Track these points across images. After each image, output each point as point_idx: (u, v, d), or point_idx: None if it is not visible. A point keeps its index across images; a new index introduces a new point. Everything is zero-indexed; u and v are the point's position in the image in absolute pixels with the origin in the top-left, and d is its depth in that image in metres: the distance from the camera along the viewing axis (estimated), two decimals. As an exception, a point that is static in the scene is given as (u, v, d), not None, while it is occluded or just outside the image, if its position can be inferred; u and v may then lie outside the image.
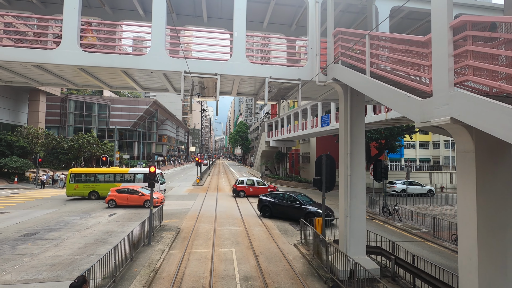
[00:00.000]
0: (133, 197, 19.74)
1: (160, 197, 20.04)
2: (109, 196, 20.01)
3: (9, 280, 8.33)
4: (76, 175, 23.41)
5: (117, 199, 19.66)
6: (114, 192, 20.07)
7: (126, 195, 19.81)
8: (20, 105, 38.51)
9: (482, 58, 4.00)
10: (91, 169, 25.26)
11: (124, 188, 20.46)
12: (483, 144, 4.38)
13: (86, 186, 23.25)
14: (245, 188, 26.18)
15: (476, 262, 4.32)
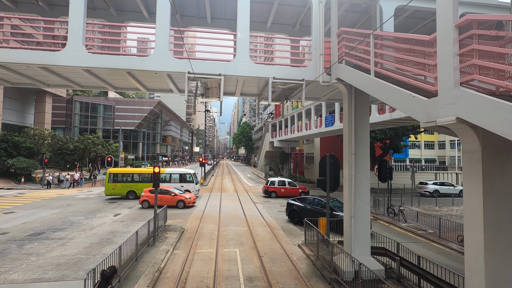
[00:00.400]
0: (166, 197, 19.82)
1: (192, 197, 20.33)
2: (142, 196, 20.06)
3: (16, 279, 8.43)
4: (115, 175, 23.92)
5: (151, 199, 19.67)
6: (147, 192, 20.07)
7: (159, 196, 19.59)
8: (27, 106, 39.04)
9: (488, 57, 3.95)
10: (129, 169, 25.97)
11: None
12: (489, 144, 4.33)
13: (124, 186, 23.71)
14: (277, 189, 26.02)
15: (483, 263, 4.27)
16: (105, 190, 23.84)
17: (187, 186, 24.59)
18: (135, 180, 24.17)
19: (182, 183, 24.66)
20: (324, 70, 8.69)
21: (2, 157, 30.87)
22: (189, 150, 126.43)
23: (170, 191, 20.25)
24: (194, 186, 24.84)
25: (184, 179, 25.01)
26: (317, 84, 9.04)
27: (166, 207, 15.54)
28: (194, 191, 24.59)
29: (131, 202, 22.16)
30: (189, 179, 25.02)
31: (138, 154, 64.57)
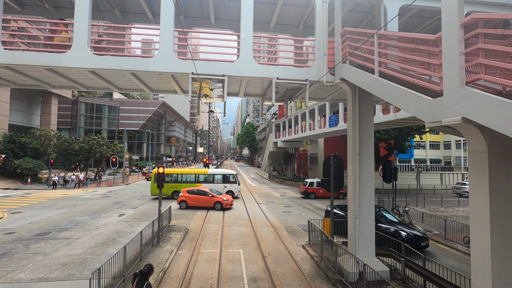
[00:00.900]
0: (203, 198, 19.71)
1: (230, 200, 19.95)
2: (180, 196, 20.10)
3: (22, 279, 8.53)
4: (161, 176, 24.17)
5: (188, 200, 19.75)
6: (185, 193, 20.08)
7: (196, 196, 19.76)
8: (33, 107, 39.52)
9: (495, 56, 3.90)
10: (174, 170, 26.35)
11: (195, 189, 20.52)
12: (496, 144, 4.27)
13: (169, 186, 24.05)
14: (315, 190, 26.05)
15: (489, 265, 4.21)
16: (150, 190, 24.27)
17: (230, 186, 24.74)
18: (180, 180, 24.60)
19: (225, 184, 24.83)
20: (328, 70, 8.66)
21: (9, 158, 31.27)
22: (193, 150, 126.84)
23: (208, 192, 19.95)
24: (237, 187, 24.98)
25: (227, 179, 25.11)
26: (321, 84, 9.01)
27: (170, 208, 15.58)
28: (237, 191, 24.81)
29: (136, 201, 22.29)
30: (232, 179, 25.12)
31: (143, 155, 64.95)
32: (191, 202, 19.72)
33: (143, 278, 5.34)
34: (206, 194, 19.88)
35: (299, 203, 23.28)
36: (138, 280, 5.31)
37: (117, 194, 26.68)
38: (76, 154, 36.83)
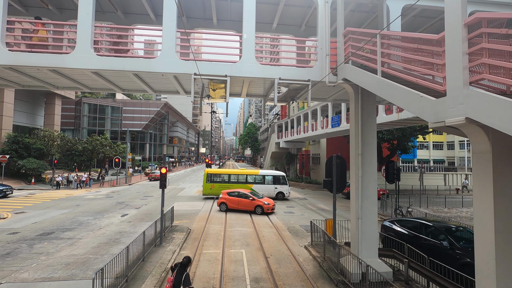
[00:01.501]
0: (244, 201, 18.70)
1: (271, 204, 18.67)
2: (220, 198, 19.35)
3: (26, 278, 8.59)
4: (212, 176, 24.58)
5: (228, 202, 18.98)
6: (226, 195, 19.29)
7: (237, 199, 18.87)
8: (37, 108, 39.80)
9: (499, 55, 3.88)
10: (225, 170, 26.44)
11: (235, 191, 19.62)
12: (500, 145, 4.24)
13: (221, 186, 24.15)
14: None
15: (493, 266, 4.18)
16: (203, 190, 24.48)
17: (280, 188, 24.69)
18: (231, 180, 24.68)
19: (275, 185, 24.77)
20: (330, 70, 8.65)
21: (13, 158, 31.50)
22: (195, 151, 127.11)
23: (249, 195, 18.83)
24: (287, 188, 24.91)
25: (277, 180, 25.01)
26: (323, 84, 9.00)
27: (173, 208, 15.61)
28: (287, 193, 24.80)
29: (138, 202, 22.36)
30: (282, 180, 25.02)
31: (145, 155, 65.21)
32: (231, 204, 18.89)
33: (182, 268, 5.83)
34: (247, 197, 18.73)
35: (302, 204, 23.24)
36: (178, 270, 5.80)
37: (120, 195, 26.79)
38: (80, 154, 37.04)
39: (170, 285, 5.63)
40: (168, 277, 5.85)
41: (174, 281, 5.64)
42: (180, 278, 5.66)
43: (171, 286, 5.60)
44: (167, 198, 23.55)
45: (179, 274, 5.73)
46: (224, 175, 24.90)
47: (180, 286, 5.61)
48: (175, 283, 5.63)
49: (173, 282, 5.63)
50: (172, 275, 5.77)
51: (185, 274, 5.70)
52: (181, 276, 5.68)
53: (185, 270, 5.81)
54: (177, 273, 5.76)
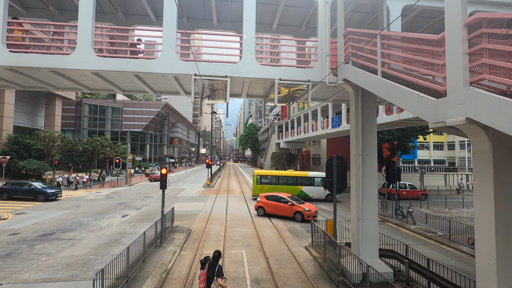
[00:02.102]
0: (282, 206, 17.40)
1: (313, 210, 16.93)
2: (258, 202, 18.32)
3: (27, 279, 8.59)
4: (262, 177, 24.67)
5: (266, 206, 17.80)
6: (263, 198, 18.16)
7: (275, 204, 17.66)
8: (38, 109, 39.82)
9: (499, 56, 3.87)
10: (274, 172, 26.46)
11: (273, 195, 18.39)
12: (501, 145, 4.24)
13: (271, 188, 24.12)
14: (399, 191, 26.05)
15: (494, 266, 4.17)
16: (253, 192, 24.49)
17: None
18: (280, 182, 24.64)
19: None
20: (330, 71, 8.65)
21: (14, 159, 31.50)
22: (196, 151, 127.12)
23: (288, 200, 17.43)
24: None
25: None
26: (323, 85, 9.00)
27: (173, 209, 15.61)
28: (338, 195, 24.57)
29: (139, 202, 22.36)
30: None
31: (146, 156, 65.22)
32: (269, 209, 17.75)
33: (214, 261, 6.23)
34: (286, 201, 17.40)
35: (302, 204, 23.23)
36: (210, 263, 6.18)
37: (120, 195, 26.80)
38: (80, 155, 37.04)
39: (204, 278, 5.99)
40: (201, 271, 6.14)
41: (207, 273, 6.02)
42: (213, 270, 6.07)
43: (205, 278, 5.98)
44: (167, 198, 23.54)
45: (211, 267, 6.12)
46: (273, 177, 24.92)
47: (213, 278, 6.02)
48: (208, 275, 6.02)
49: (207, 274, 6.01)
50: (204, 268, 6.09)
51: (218, 266, 6.12)
52: (214, 268, 6.09)
53: (217, 262, 6.22)
54: (209, 266, 6.13)
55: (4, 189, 22.53)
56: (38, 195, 22.44)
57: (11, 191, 22.51)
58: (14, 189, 22.69)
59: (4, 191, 22.40)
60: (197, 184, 37.35)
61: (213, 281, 6.01)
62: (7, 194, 22.34)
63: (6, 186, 22.81)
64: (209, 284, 5.99)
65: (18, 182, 24.00)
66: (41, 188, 23.03)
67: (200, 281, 6.01)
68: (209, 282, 6.00)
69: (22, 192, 22.66)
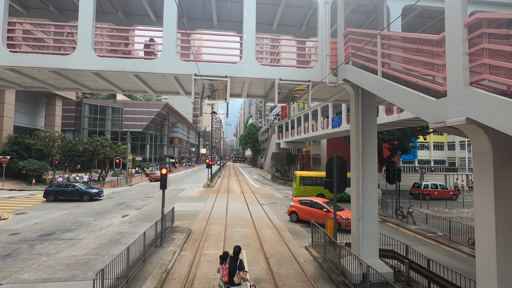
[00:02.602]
0: (317, 212, 15.81)
1: None
2: (291, 206, 17.16)
3: (27, 279, 8.59)
4: (305, 178, 24.59)
5: (300, 212, 16.50)
6: (297, 203, 17.00)
7: (309, 209, 16.21)
8: (38, 109, 39.84)
9: (499, 56, 3.87)
10: (316, 173, 26.32)
11: (308, 200, 16.95)
12: (501, 145, 4.24)
13: (314, 189, 24.12)
14: (431, 191, 26.24)
15: (495, 267, 4.17)
16: (296, 193, 24.38)
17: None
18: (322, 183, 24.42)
19: None
20: (330, 71, 8.65)
21: (14, 159, 31.52)
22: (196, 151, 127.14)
23: (323, 206, 15.95)
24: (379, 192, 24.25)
25: None
26: (323, 85, 9.00)
27: (173, 209, 15.61)
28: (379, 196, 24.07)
29: (139, 202, 22.36)
30: None
31: (146, 156, 65.24)
32: (302, 215, 16.44)
33: (235, 255, 6.65)
34: (321, 207, 15.90)
35: (302, 204, 23.22)
36: (231, 258, 6.60)
37: (121, 195, 26.81)
38: (80, 155, 37.05)
39: (226, 272, 6.44)
40: (222, 266, 6.57)
41: (229, 267, 6.45)
42: (235, 264, 6.49)
43: (228, 272, 6.43)
44: (167, 198, 23.56)
45: (233, 261, 6.54)
46: (316, 178, 24.80)
47: (235, 271, 6.42)
48: (230, 269, 6.44)
49: (229, 268, 6.44)
50: (225, 262, 6.54)
51: (239, 260, 6.54)
52: (236, 262, 6.50)
53: (237, 257, 6.64)
54: (230, 260, 6.55)
55: (50, 191, 23.09)
56: (83, 196, 23.18)
57: (57, 192, 23.09)
58: (59, 190, 23.27)
59: (50, 193, 22.97)
60: (197, 184, 37.36)
61: (235, 274, 6.40)
62: (53, 196, 22.90)
63: (52, 188, 23.39)
64: (231, 277, 6.39)
65: (61, 184, 24.68)
66: (85, 189, 23.70)
67: (223, 274, 6.43)
68: (231, 275, 6.41)
69: (68, 193, 23.24)
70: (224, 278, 6.41)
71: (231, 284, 6.43)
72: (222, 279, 6.48)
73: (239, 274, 6.38)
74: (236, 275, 6.41)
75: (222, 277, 6.46)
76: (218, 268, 6.83)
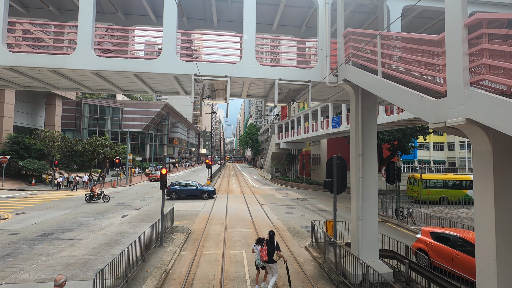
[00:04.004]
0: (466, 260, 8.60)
1: None
2: (417, 241, 10.60)
3: (26, 279, 8.59)
4: (429, 182, 24.49)
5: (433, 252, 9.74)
6: (428, 236, 10.27)
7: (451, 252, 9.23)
8: (38, 109, 39.85)
9: (499, 56, 3.87)
10: (439, 176, 26.17)
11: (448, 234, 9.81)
12: (501, 145, 4.24)
13: (436, 192, 24.12)
14: None
15: (494, 267, 4.17)
16: (420, 195, 24.16)
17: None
18: (445, 185, 24.43)
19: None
20: (330, 71, 8.65)
21: (14, 159, 31.52)
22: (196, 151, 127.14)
23: None
24: None
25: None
26: (323, 85, 9.01)
27: (173, 209, 15.60)
28: None
29: (139, 202, 22.35)
30: None
31: (146, 156, 65.23)
32: (437, 258, 9.64)
33: (271, 239, 7.88)
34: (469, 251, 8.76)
35: (302, 204, 23.23)
36: (267, 241, 7.84)
37: (120, 195, 26.80)
38: (80, 155, 37.05)
39: (265, 253, 7.69)
40: (260, 248, 7.91)
41: (268, 249, 7.71)
42: (272, 246, 7.76)
43: (267, 253, 7.69)
44: (167, 198, 23.57)
45: (270, 244, 7.79)
46: (438, 180, 24.70)
47: (274, 251, 7.71)
48: (269, 250, 7.72)
49: (268, 250, 7.70)
50: (262, 245, 7.82)
51: (276, 242, 7.86)
52: (272, 244, 7.78)
53: (273, 240, 7.89)
54: (268, 243, 7.80)
55: (173, 190, 24.15)
56: (203, 194, 24.72)
57: (179, 191, 24.43)
58: (181, 189, 24.63)
59: (173, 192, 24.05)
60: (197, 184, 37.32)
61: (274, 254, 7.70)
62: (175, 194, 23.96)
63: (174, 187, 24.32)
64: (270, 256, 7.70)
65: (180, 183, 25.66)
66: (203, 187, 25.26)
67: (263, 254, 7.72)
68: (270, 254, 7.70)
69: (189, 191, 24.58)
70: (264, 258, 7.70)
71: (270, 262, 7.72)
72: (261, 259, 7.80)
73: (277, 253, 7.71)
74: (275, 254, 7.69)
75: (261, 257, 7.76)
76: (252, 249, 8.33)
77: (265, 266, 7.98)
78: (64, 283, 5.02)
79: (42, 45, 9.38)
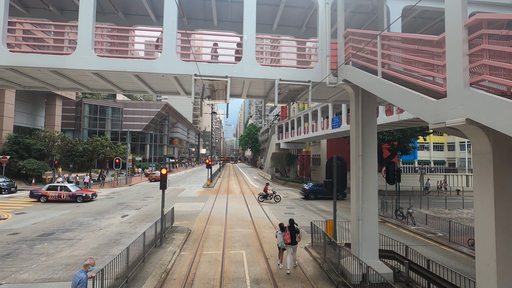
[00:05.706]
0: None
1: None
2: None
3: (26, 279, 8.58)
4: None
5: None
6: None
7: None
8: (38, 109, 39.83)
9: (499, 57, 3.88)
10: None
11: None
12: (501, 146, 4.24)
13: None
14: None
15: (494, 267, 4.17)
16: None
17: None
18: None
19: None
20: (330, 71, 8.65)
21: (14, 159, 31.51)
22: (196, 152, 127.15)
23: None
24: None
25: None
26: (323, 85, 9.01)
27: (173, 209, 15.60)
28: None
29: (139, 203, 22.35)
30: None
31: (146, 156, 65.23)
32: None
33: (292, 224, 9.45)
34: None
35: (302, 205, 23.22)
36: (289, 227, 9.41)
37: (120, 195, 26.80)
38: (80, 155, 37.03)
39: (289, 236, 9.23)
40: (283, 233, 9.46)
41: (291, 233, 9.24)
42: (294, 230, 9.35)
43: (290, 236, 9.23)
44: (167, 199, 23.55)
45: (292, 229, 9.34)
46: None
47: (295, 234, 9.34)
48: (292, 234, 9.26)
49: (290, 234, 9.24)
50: (285, 230, 9.40)
51: (296, 227, 9.46)
52: (294, 229, 9.37)
53: (293, 225, 9.46)
54: (290, 228, 9.35)
55: (311, 190, 25.13)
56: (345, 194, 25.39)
57: (316, 192, 25.20)
58: (317, 190, 25.37)
59: (311, 192, 25.13)
60: (197, 185, 37.35)
61: (296, 236, 9.35)
62: (313, 195, 24.54)
63: (312, 188, 24.85)
64: (293, 239, 9.28)
65: (318, 183, 25.95)
66: None
67: (287, 238, 9.22)
68: (293, 237, 9.26)
69: (324, 192, 24.90)
70: (288, 240, 9.20)
71: (293, 243, 9.31)
72: (285, 242, 9.28)
73: (298, 236, 9.45)
74: (297, 237, 9.39)
75: (285, 240, 9.24)
76: (276, 234, 9.85)
77: (286, 248, 9.44)
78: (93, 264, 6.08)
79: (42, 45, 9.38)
